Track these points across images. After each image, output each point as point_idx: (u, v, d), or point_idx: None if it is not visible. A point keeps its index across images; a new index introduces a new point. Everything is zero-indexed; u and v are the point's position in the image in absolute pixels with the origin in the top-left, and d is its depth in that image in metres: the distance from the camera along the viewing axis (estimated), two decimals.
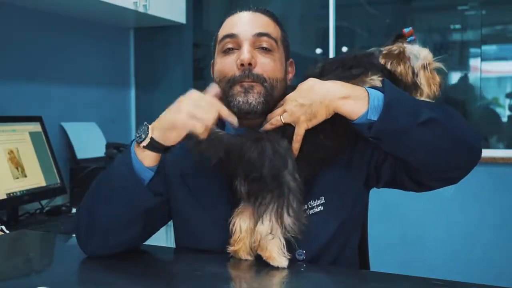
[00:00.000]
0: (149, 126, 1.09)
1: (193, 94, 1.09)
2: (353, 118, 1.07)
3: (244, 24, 1.20)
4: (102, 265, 1.10)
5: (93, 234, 1.13)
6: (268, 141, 1.08)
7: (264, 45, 1.19)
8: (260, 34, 1.18)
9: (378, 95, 1.07)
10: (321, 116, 1.09)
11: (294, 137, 1.11)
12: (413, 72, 1.18)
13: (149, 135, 1.07)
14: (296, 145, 1.11)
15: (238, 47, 1.19)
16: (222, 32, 1.22)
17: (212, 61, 1.28)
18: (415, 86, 1.18)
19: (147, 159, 1.10)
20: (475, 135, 1.12)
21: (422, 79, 1.18)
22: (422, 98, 1.19)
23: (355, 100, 1.07)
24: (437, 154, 1.09)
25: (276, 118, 1.13)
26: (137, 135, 1.09)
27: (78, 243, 1.16)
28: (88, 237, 1.15)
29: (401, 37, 1.21)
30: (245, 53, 1.16)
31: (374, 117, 1.06)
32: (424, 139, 1.06)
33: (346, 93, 1.08)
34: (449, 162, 1.11)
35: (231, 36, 1.19)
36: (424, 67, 1.18)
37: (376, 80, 1.15)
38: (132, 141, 1.14)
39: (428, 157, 1.10)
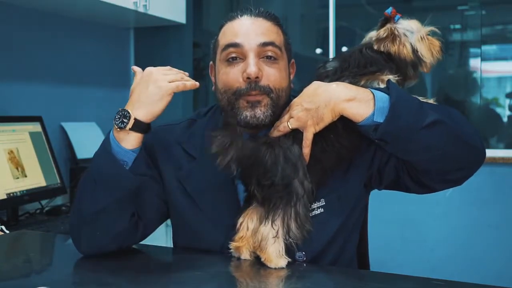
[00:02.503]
0: (127, 109, 1.12)
1: (151, 68, 1.18)
2: (358, 121, 1.07)
3: (247, 32, 1.17)
4: (102, 265, 1.10)
5: (82, 229, 1.14)
6: (280, 147, 1.09)
7: (269, 54, 1.17)
8: (265, 44, 1.16)
9: (383, 97, 1.06)
10: (328, 119, 1.09)
11: (303, 142, 1.11)
12: (413, 48, 1.19)
13: (132, 117, 1.12)
14: (306, 150, 1.11)
15: (243, 56, 1.16)
16: (224, 39, 1.19)
17: (211, 63, 1.27)
18: (419, 61, 1.20)
19: (130, 141, 1.14)
20: (478, 135, 1.12)
21: (422, 51, 1.19)
22: (425, 68, 1.21)
23: (360, 102, 1.06)
24: (442, 155, 1.08)
25: (284, 124, 1.13)
26: (117, 121, 1.12)
27: (73, 243, 1.17)
28: (78, 233, 1.15)
29: (387, 21, 1.21)
30: (252, 66, 1.14)
31: (380, 119, 1.05)
32: (429, 140, 1.06)
33: (351, 95, 1.07)
34: (454, 163, 1.11)
35: (234, 45, 1.16)
36: (421, 38, 1.19)
37: (391, 79, 1.16)
38: (109, 132, 1.16)
39: (433, 158, 1.09)
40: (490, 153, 2.86)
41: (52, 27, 2.56)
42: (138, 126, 1.12)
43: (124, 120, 1.12)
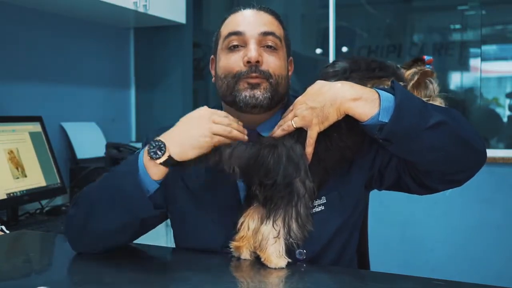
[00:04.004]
0: (165, 143, 1.08)
1: (206, 111, 1.11)
2: (364, 120, 1.07)
3: (250, 22, 1.21)
4: (102, 265, 1.10)
5: (85, 236, 1.15)
6: (283, 146, 1.09)
7: (270, 43, 1.21)
8: (266, 33, 1.20)
9: (389, 97, 1.06)
10: (333, 118, 1.09)
11: (307, 140, 1.10)
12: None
13: (167, 153, 1.07)
14: (309, 149, 1.10)
15: (244, 44, 1.20)
16: (227, 29, 1.23)
17: (212, 57, 1.30)
18: None
19: (157, 173, 1.09)
20: (479, 137, 1.13)
21: None
22: None
23: (365, 102, 1.06)
24: (446, 156, 1.09)
25: (288, 123, 1.13)
26: (151, 150, 1.08)
27: (67, 239, 1.18)
28: (80, 237, 1.16)
29: (419, 61, 1.21)
30: (253, 51, 1.18)
31: (385, 118, 1.05)
32: (433, 141, 1.06)
33: (357, 94, 1.07)
34: (456, 164, 1.12)
35: (237, 33, 1.20)
36: (430, 98, 1.20)
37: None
38: (139, 151, 1.14)
39: (436, 159, 1.10)
40: (490, 153, 2.84)
41: (52, 27, 2.56)
42: (169, 162, 1.08)
43: (159, 152, 1.07)
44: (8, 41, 2.34)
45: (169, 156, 1.07)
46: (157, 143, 1.08)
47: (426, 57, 1.21)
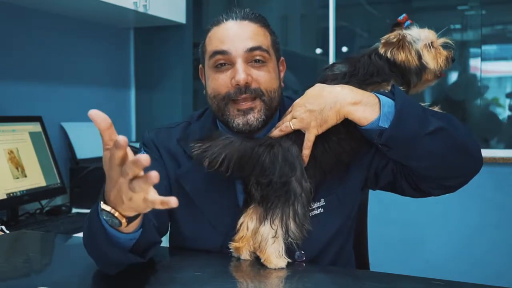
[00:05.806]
0: (111, 211, 0.89)
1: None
2: (363, 124, 1.07)
3: (234, 38, 1.15)
4: None
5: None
6: (280, 146, 1.09)
7: (257, 58, 1.16)
8: (252, 49, 1.15)
9: (389, 102, 1.06)
10: (332, 121, 1.09)
11: (305, 143, 1.10)
12: (419, 56, 1.19)
13: (123, 221, 0.90)
14: (306, 151, 1.10)
15: (231, 62, 1.15)
16: (211, 46, 1.18)
17: (200, 66, 1.26)
18: (423, 67, 1.19)
19: (130, 227, 0.95)
20: (477, 144, 1.13)
21: (427, 58, 1.19)
22: (429, 75, 1.20)
23: (366, 106, 1.06)
24: (443, 162, 1.09)
25: (286, 124, 1.13)
26: (109, 222, 0.91)
27: None
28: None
29: (397, 26, 1.22)
30: (241, 73, 1.13)
31: (385, 124, 1.05)
32: (432, 147, 1.06)
33: (357, 98, 1.07)
34: (452, 170, 1.12)
35: (222, 53, 1.15)
36: (427, 46, 1.19)
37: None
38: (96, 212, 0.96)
39: (433, 165, 1.10)
40: (490, 153, 2.87)
41: (52, 27, 2.56)
42: (131, 219, 0.92)
43: (114, 220, 0.90)
44: (8, 41, 2.34)
45: (127, 218, 0.90)
46: (105, 213, 0.90)
47: (399, 18, 1.22)
